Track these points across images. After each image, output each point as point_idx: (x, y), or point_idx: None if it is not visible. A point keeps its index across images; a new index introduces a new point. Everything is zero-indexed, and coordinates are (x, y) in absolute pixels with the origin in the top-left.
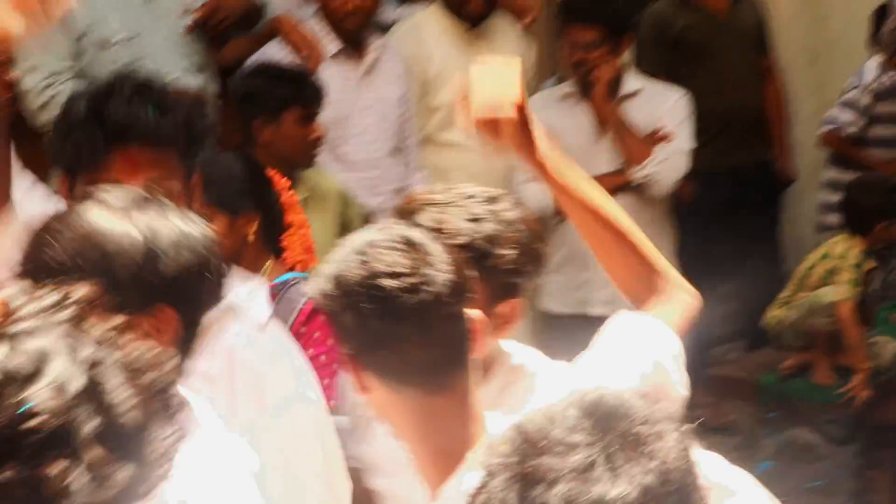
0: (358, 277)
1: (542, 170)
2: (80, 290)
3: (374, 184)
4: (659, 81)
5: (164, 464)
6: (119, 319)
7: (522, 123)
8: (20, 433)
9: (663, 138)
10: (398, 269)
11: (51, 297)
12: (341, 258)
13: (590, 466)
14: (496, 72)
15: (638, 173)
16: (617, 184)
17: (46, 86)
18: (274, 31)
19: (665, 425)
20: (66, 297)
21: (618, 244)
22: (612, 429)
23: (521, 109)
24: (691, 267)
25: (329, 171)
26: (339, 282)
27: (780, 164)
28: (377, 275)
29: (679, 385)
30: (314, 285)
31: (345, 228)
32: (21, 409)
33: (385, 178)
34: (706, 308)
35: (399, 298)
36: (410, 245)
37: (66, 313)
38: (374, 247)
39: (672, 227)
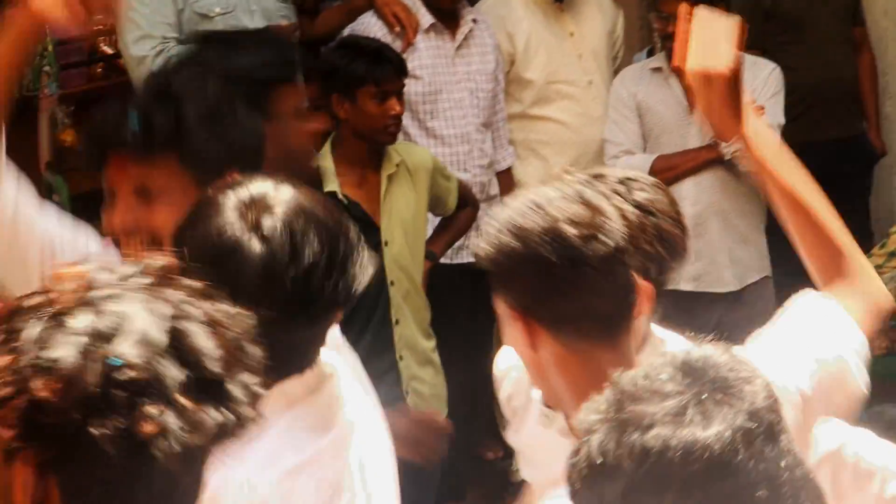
0: (539, 227)
1: (743, 138)
2: (158, 261)
3: (464, 159)
4: (751, 54)
5: (253, 410)
6: (198, 285)
7: (734, 83)
8: (111, 387)
9: (755, 112)
10: (578, 219)
11: (129, 267)
12: (515, 212)
13: (682, 411)
14: (716, 26)
15: (729, 148)
16: (708, 158)
17: (159, 52)
18: (368, 2)
19: (750, 372)
20: (144, 267)
21: (809, 222)
22: (701, 378)
23: (735, 70)
24: (781, 241)
25: (420, 145)
26: (520, 232)
27: (872, 138)
28: (559, 223)
29: (860, 381)
30: (486, 241)
31: (437, 202)
32: (110, 363)
33: (474, 153)
34: (795, 282)
35: (581, 246)
36: (584, 199)
37: (145, 280)
38: (551, 199)
39: (762, 202)
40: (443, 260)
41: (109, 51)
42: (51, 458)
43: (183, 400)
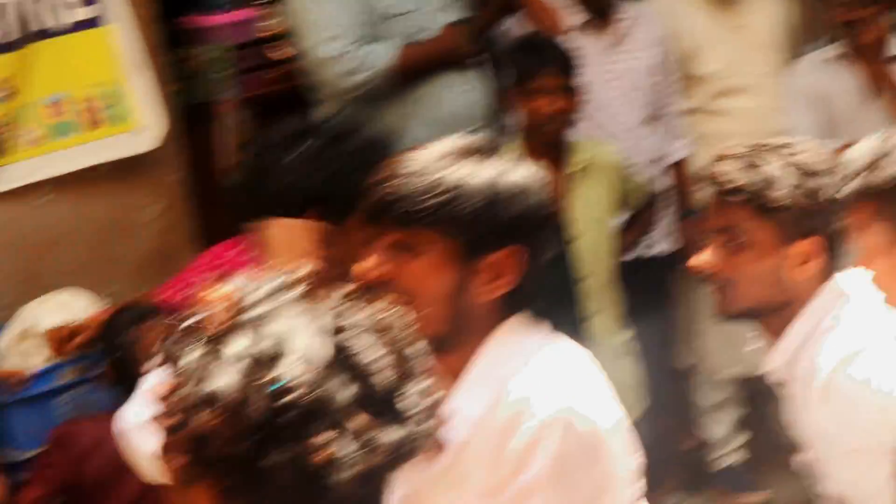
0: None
1: None
2: (304, 268)
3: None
4: None
5: (428, 418)
6: (350, 287)
7: None
8: (279, 412)
9: None
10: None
11: (276, 280)
12: (771, 164)
13: None
14: None
15: None
16: None
17: (352, 50)
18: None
19: None
20: (291, 277)
21: None
22: None
23: None
24: None
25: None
26: (806, 172)
27: None
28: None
29: None
30: (779, 182)
31: (622, 202)
32: (275, 387)
33: (634, 150)
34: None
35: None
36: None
37: (296, 291)
38: (800, 151)
39: None
40: (631, 254)
41: (286, 54)
42: (229, 486)
43: (356, 419)
